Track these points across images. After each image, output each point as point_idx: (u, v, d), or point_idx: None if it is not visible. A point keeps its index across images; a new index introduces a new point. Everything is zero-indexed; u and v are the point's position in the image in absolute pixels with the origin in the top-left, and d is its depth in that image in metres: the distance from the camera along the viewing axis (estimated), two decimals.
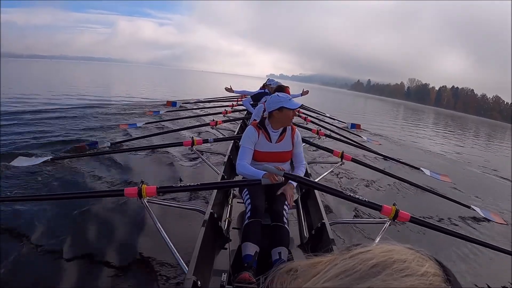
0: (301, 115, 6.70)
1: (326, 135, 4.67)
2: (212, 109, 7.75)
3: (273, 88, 3.79)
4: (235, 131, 5.68)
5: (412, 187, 3.69)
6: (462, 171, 6.35)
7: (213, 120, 4.49)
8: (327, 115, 9.78)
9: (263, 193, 1.96)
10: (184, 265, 1.47)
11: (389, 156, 4.93)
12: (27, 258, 1.87)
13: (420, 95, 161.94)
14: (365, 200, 1.77)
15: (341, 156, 3.27)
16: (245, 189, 1.95)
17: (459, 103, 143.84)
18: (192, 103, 9.72)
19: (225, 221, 2.10)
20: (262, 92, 4.68)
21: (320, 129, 4.50)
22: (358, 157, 4.09)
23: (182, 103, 9.04)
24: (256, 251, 1.65)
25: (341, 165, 3.32)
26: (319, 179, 2.98)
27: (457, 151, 9.77)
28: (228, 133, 5.75)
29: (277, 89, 3.11)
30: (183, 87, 25.12)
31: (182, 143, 3.22)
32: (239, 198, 2.17)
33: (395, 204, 1.77)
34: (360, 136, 7.05)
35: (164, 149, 4.10)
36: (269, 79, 4.81)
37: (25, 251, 1.92)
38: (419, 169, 4.71)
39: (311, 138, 4.37)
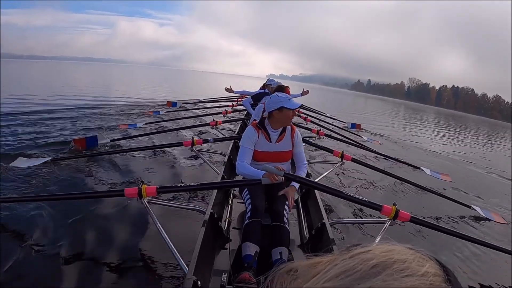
0: (301, 115, 6.69)
1: (326, 135, 4.67)
2: (212, 109, 7.75)
3: (273, 88, 3.79)
4: (235, 131, 5.68)
5: (412, 186, 3.68)
6: (462, 170, 6.35)
7: (213, 120, 4.49)
8: (327, 115, 9.77)
9: (263, 193, 1.96)
10: (184, 265, 1.47)
11: (389, 155, 4.92)
12: (27, 258, 1.87)
13: (420, 94, 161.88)
14: (365, 200, 1.77)
15: (341, 156, 3.27)
16: (245, 189, 1.95)
17: (460, 103, 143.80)
18: (192, 103, 9.74)
19: (225, 221, 2.09)
20: (262, 92, 4.68)
21: (320, 129, 4.50)
22: (358, 157, 4.08)
23: (182, 103, 9.04)
24: (256, 251, 1.65)
25: (341, 165, 3.32)
26: (319, 179, 2.99)
27: (457, 150, 9.76)
28: (228, 133, 5.75)
29: (277, 89, 3.11)
30: (183, 88, 25.12)
31: (182, 143, 3.22)
32: (239, 198, 2.17)
33: (395, 204, 1.77)
34: (360, 136, 7.04)
35: (164, 149, 4.10)
36: (269, 79, 4.80)
37: (26, 251, 1.92)
38: (419, 168, 4.70)
39: (311, 138, 4.37)
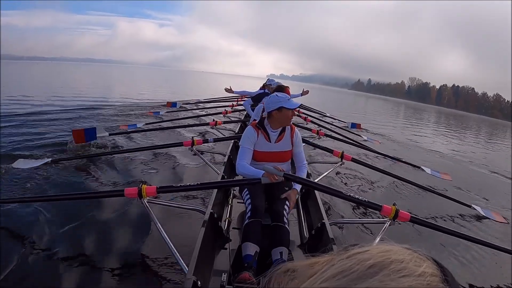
0: (301, 115, 6.68)
1: (326, 135, 4.66)
2: (212, 109, 7.74)
3: (273, 88, 3.79)
4: (235, 131, 5.68)
5: (412, 186, 3.68)
6: (463, 169, 6.34)
7: (213, 120, 4.49)
8: (327, 114, 9.76)
9: (263, 193, 1.96)
10: (184, 265, 1.47)
11: (389, 155, 4.92)
12: (27, 258, 1.87)
13: (420, 94, 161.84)
14: (365, 200, 1.77)
15: (341, 156, 3.27)
16: (245, 189, 1.94)
17: (460, 102, 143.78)
18: (192, 103, 9.73)
19: (225, 221, 2.09)
20: (262, 92, 4.67)
21: (320, 129, 4.50)
22: (358, 157, 4.08)
23: (182, 103, 9.03)
24: (256, 251, 1.65)
25: (341, 165, 3.31)
26: (319, 179, 2.98)
27: (458, 149, 9.75)
28: (228, 133, 5.74)
29: (277, 89, 3.11)
30: (184, 88, 25.12)
31: (182, 143, 3.22)
32: (239, 198, 2.17)
33: (395, 204, 1.77)
34: (360, 135, 7.03)
35: (164, 149, 4.10)
36: (269, 79, 4.80)
37: (26, 252, 1.93)
38: (419, 167, 4.70)
39: (311, 138, 4.37)
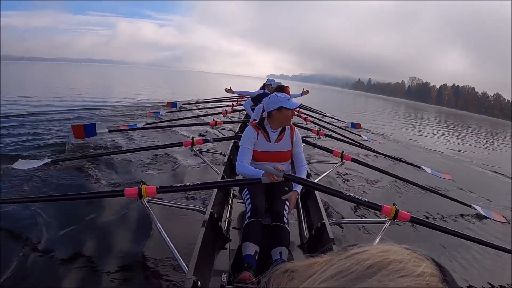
0: (301, 115, 6.68)
1: (326, 135, 4.66)
2: (212, 109, 7.74)
3: (273, 88, 3.78)
4: (235, 131, 5.67)
5: (412, 186, 3.67)
6: (463, 169, 6.34)
7: (213, 120, 4.49)
8: (327, 114, 9.76)
9: (263, 193, 1.96)
10: (184, 265, 1.47)
11: (389, 155, 4.91)
12: (27, 259, 1.88)
13: (421, 93, 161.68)
14: (365, 200, 1.77)
15: (341, 156, 3.27)
16: (245, 189, 1.94)
17: (460, 101, 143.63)
18: (192, 103, 9.73)
19: (225, 221, 2.09)
20: (262, 93, 4.67)
21: (320, 129, 4.50)
22: (358, 157, 4.08)
23: (182, 104, 9.03)
24: (256, 251, 1.65)
25: (341, 165, 3.31)
26: (319, 179, 2.98)
27: (458, 149, 9.75)
28: (228, 133, 5.74)
29: (276, 89, 3.11)
30: (184, 88, 25.11)
31: (182, 143, 3.22)
32: (239, 198, 2.17)
33: (395, 204, 1.77)
34: (360, 135, 7.03)
35: (164, 149, 4.09)
36: (269, 79, 4.78)
37: (26, 252, 1.93)
38: (420, 167, 4.69)
39: (311, 138, 4.36)
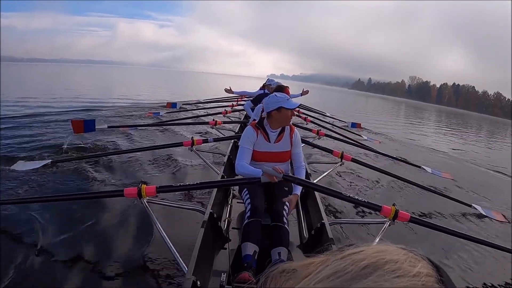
0: (301, 115, 6.66)
1: (326, 135, 4.65)
2: (212, 109, 7.73)
3: (273, 88, 3.78)
4: (235, 131, 5.67)
5: (413, 186, 3.67)
6: (464, 168, 6.33)
7: (213, 120, 4.49)
8: (327, 114, 9.74)
9: (262, 193, 1.96)
10: (183, 265, 1.47)
11: (389, 154, 4.90)
12: (27, 259, 1.88)
13: (421, 92, 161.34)
14: (365, 200, 1.76)
15: (341, 156, 3.26)
16: (244, 189, 1.94)
17: (461, 100, 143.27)
18: (192, 104, 9.73)
19: (224, 221, 2.09)
20: (262, 93, 4.66)
21: (320, 129, 4.49)
22: (358, 157, 4.07)
23: (182, 104, 9.03)
24: (255, 251, 1.65)
25: (341, 165, 3.30)
26: (318, 179, 2.97)
27: (459, 148, 9.74)
28: (228, 133, 5.72)
29: (276, 89, 3.10)
30: (184, 89, 25.11)
31: (182, 143, 3.21)
32: (239, 198, 2.17)
33: (394, 204, 1.76)
34: (360, 135, 7.03)
35: (164, 149, 4.09)
36: (269, 79, 4.77)
37: (26, 252, 1.93)
38: (420, 167, 4.68)
39: (311, 138, 4.35)
